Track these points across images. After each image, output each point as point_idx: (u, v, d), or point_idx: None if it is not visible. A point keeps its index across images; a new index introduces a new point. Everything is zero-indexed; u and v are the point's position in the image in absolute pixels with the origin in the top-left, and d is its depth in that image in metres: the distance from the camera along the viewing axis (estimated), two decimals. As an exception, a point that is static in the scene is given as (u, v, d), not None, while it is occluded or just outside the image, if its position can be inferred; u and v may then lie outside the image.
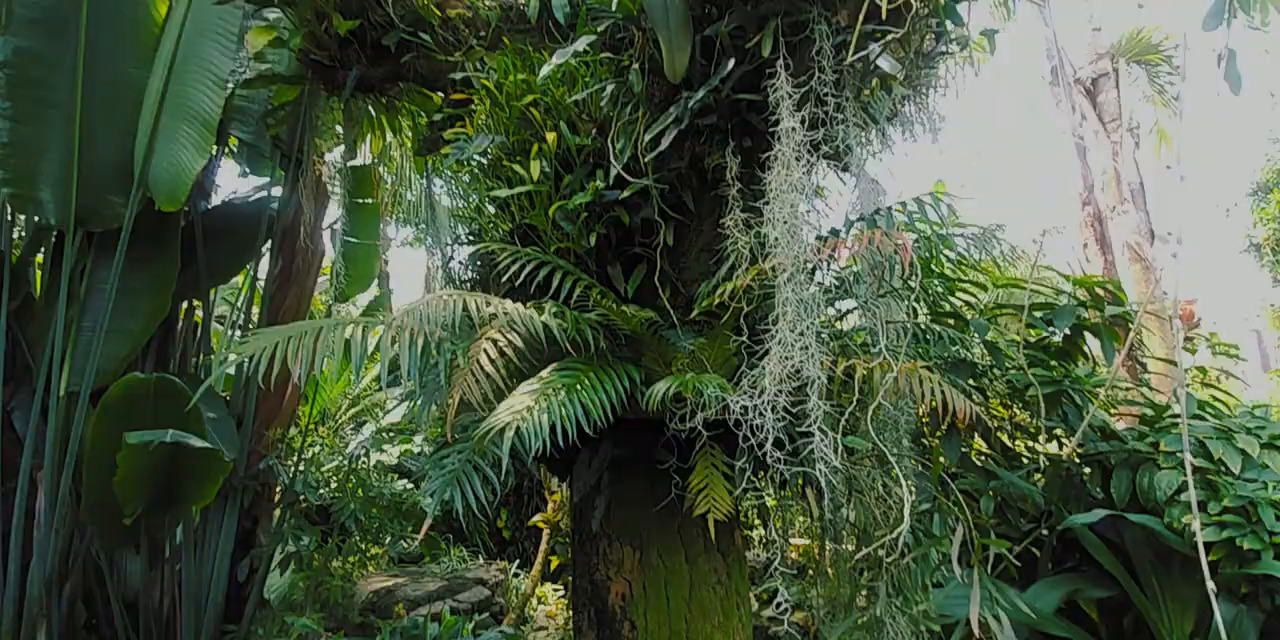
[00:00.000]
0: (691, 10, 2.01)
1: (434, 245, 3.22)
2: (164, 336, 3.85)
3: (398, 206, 4.57)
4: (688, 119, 2.03)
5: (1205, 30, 1.24)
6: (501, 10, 2.73)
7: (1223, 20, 1.20)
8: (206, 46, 2.99)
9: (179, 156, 3.08)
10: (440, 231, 3.08)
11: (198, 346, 4.04)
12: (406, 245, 5.69)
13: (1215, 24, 1.21)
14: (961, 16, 1.75)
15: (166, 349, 4.00)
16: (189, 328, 4.05)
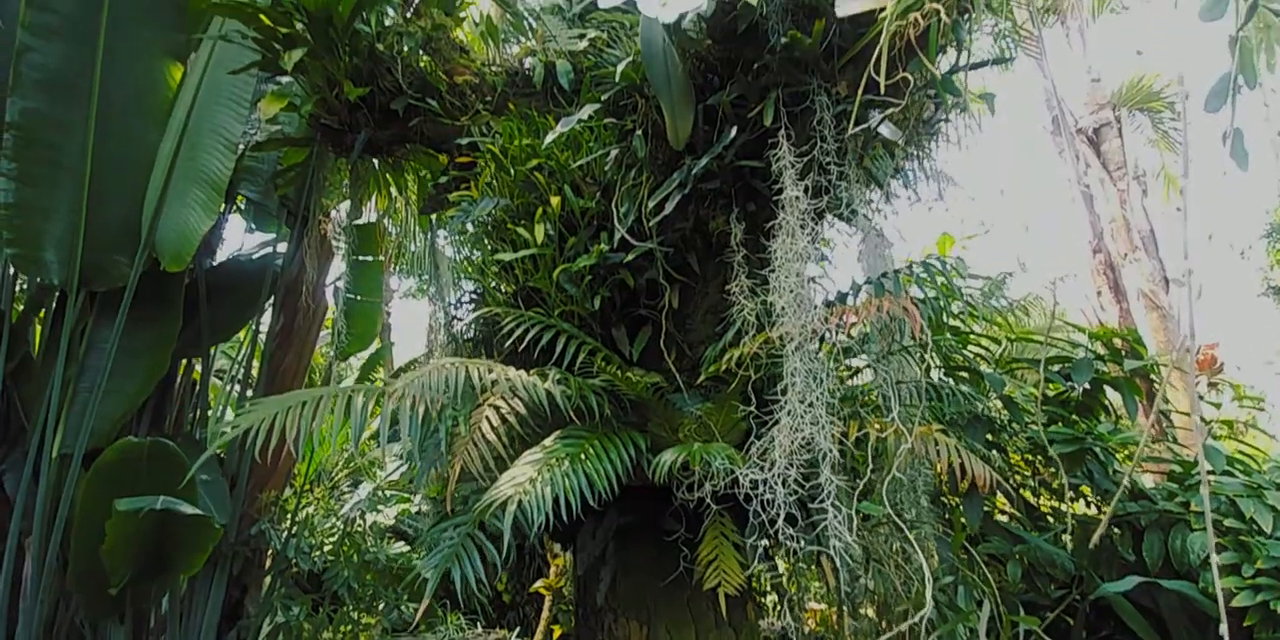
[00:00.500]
0: (693, 79, 2.09)
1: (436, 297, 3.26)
2: (161, 394, 3.86)
3: (401, 258, 4.65)
4: (691, 184, 2.07)
5: (1208, 111, 1.28)
6: (507, 75, 2.84)
7: (1225, 100, 1.23)
8: (219, 112, 3.10)
9: (187, 218, 3.15)
10: (443, 289, 3.12)
11: (195, 403, 4.05)
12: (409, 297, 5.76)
13: (1218, 105, 1.25)
14: (958, 88, 1.81)
15: (163, 407, 4.00)
16: (187, 385, 4.07)
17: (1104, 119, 5.02)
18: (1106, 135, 5.01)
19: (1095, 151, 5.04)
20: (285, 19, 2.79)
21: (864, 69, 1.85)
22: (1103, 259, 4.96)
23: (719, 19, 1.77)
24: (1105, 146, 5.01)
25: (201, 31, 3.18)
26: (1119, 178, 4.93)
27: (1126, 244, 4.86)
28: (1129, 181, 4.89)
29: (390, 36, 2.86)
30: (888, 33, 1.59)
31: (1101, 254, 4.98)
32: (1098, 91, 5.13)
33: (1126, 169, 4.93)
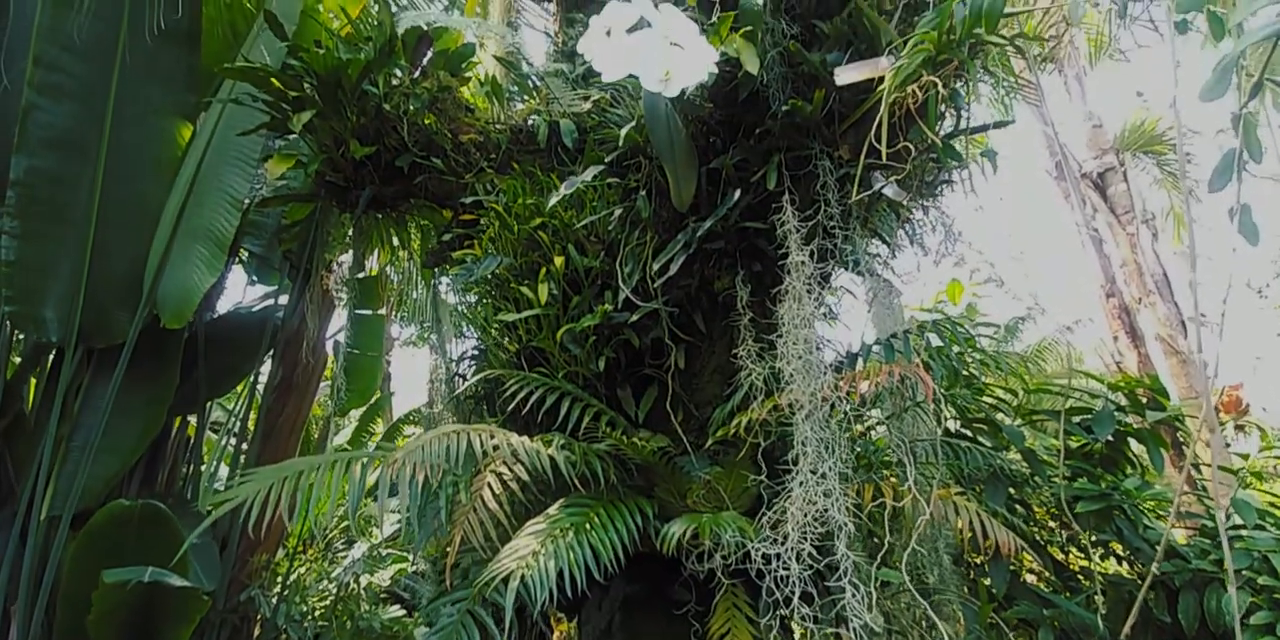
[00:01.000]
0: (695, 141, 2.15)
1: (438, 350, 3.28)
2: (154, 451, 3.86)
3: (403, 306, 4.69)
4: (696, 245, 2.11)
5: (1212, 191, 1.30)
6: (511, 133, 2.92)
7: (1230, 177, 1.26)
8: (227, 170, 3.19)
9: (190, 275, 3.21)
10: (445, 342, 3.14)
11: (189, 459, 4.04)
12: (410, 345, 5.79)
13: (1223, 182, 1.28)
14: (960, 154, 1.85)
15: (156, 464, 4.00)
16: (181, 441, 4.07)
17: (1108, 163, 5.10)
18: (1112, 179, 5.09)
19: (1102, 196, 5.11)
20: (295, 82, 2.89)
21: (865, 133, 1.90)
22: (1117, 303, 4.97)
23: (720, 87, 1.83)
24: (1111, 191, 5.08)
25: (212, 93, 3.30)
26: (1127, 222, 4.99)
27: (1140, 288, 4.88)
28: (1138, 225, 4.94)
29: (397, 97, 2.95)
30: (886, 103, 1.64)
31: (1115, 298, 4.99)
32: (1100, 136, 5.24)
33: (1135, 213, 4.99)
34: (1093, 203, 5.12)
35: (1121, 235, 4.97)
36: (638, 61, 1.58)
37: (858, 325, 3.81)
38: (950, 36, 1.66)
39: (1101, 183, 5.10)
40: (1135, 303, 4.90)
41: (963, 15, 1.52)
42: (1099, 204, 5.10)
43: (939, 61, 1.70)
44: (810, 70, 1.87)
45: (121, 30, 3.13)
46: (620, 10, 1.69)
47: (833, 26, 1.86)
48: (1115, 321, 4.93)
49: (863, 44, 1.87)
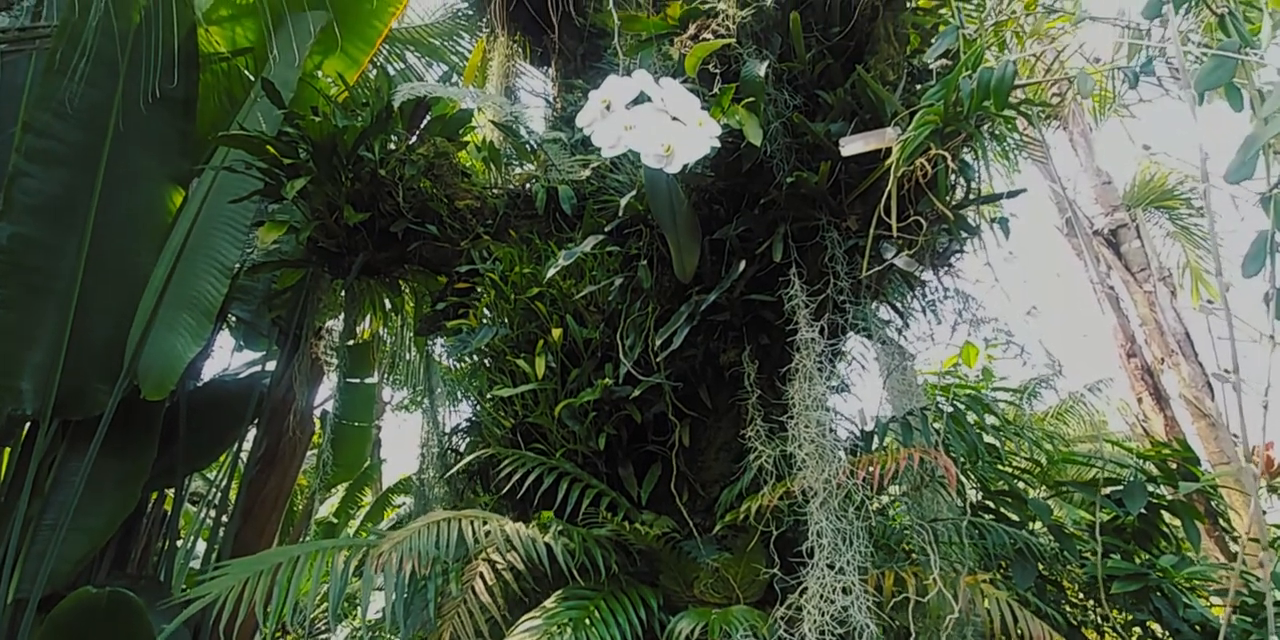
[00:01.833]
0: (698, 209, 2.14)
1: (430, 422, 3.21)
2: (127, 528, 3.75)
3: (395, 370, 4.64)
4: (700, 317, 2.08)
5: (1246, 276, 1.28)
6: (509, 198, 2.94)
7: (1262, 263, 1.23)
8: (217, 236, 3.20)
9: (173, 345, 3.17)
10: (437, 414, 3.08)
11: (164, 535, 3.92)
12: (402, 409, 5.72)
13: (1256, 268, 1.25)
14: (974, 225, 1.85)
15: (129, 542, 3.87)
16: (157, 517, 3.96)
17: (1119, 220, 5.15)
18: (1125, 236, 5.12)
19: (1116, 253, 5.13)
20: (290, 149, 2.93)
21: (874, 204, 1.90)
22: (1138, 364, 4.92)
23: (723, 157, 1.84)
24: (1125, 248, 5.11)
25: (206, 160, 3.34)
26: (1144, 279, 4.99)
27: (1162, 348, 4.83)
28: (1155, 283, 4.94)
29: (393, 162, 2.99)
30: (895, 176, 1.63)
31: (1137, 359, 4.94)
32: (1109, 193, 5.30)
33: (1151, 270, 5.00)
34: (1106, 260, 5.13)
35: (1139, 293, 4.96)
36: (638, 137, 1.58)
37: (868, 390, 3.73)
38: (957, 109, 1.67)
39: (1114, 240, 5.12)
40: (1158, 363, 4.84)
41: (970, 88, 1.53)
42: (1113, 261, 5.11)
43: (946, 133, 1.70)
44: (814, 141, 1.88)
45: (116, 97, 3.20)
46: (620, 84, 1.71)
47: (836, 97, 1.89)
48: (1138, 383, 4.87)
49: (867, 114, 1.88)
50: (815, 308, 1.81)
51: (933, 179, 1.68)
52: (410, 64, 4.18)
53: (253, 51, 3.40)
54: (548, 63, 3.44)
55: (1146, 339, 4.98)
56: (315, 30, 3.11)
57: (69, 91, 3.06)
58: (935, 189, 1.70)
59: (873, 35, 1.93)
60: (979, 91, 1.48)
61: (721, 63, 1.91)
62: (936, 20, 2.10)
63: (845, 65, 1.95)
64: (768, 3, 1.91)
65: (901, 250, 1.87)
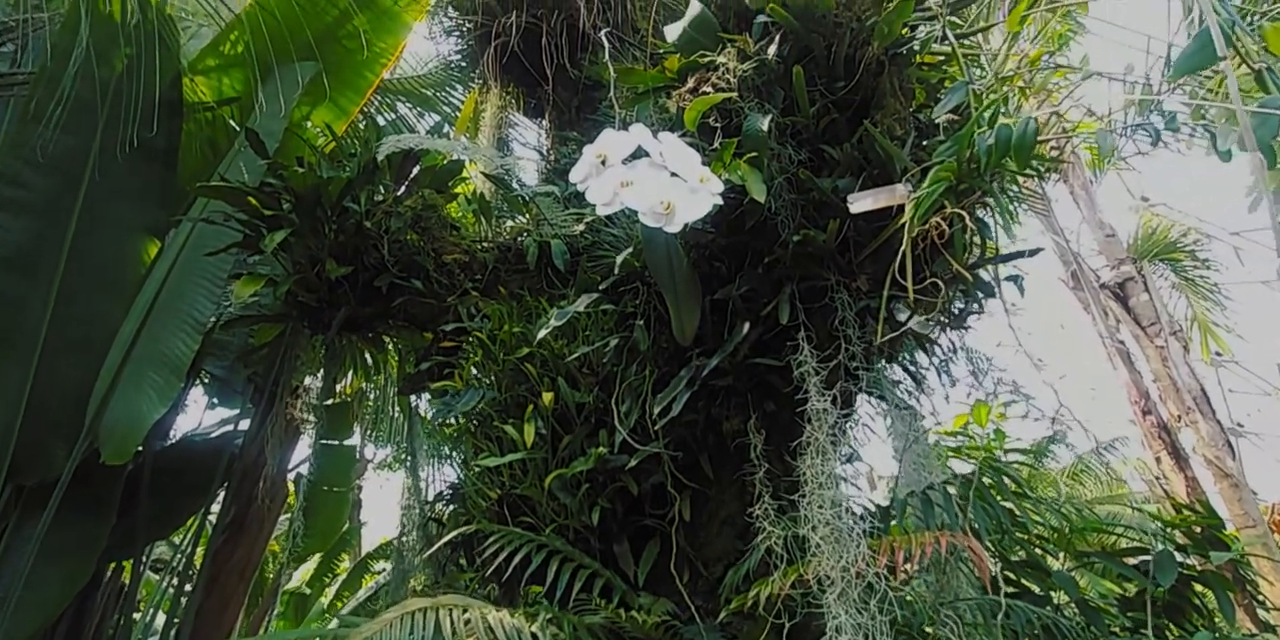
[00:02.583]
0: (698, 267, 2.06)
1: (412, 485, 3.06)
2: (82, 600, 3.53)
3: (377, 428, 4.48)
4: (701, 382, 1.98)
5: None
6: (499, 252, 2.87)
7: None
8: (190, 291, 3.10)
9: (138, 406, 3.03)
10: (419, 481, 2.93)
11: (120, 608, 3.69)
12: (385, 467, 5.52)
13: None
14: (991, 286, 1.77)
15: (84, 615, 3.65)
16: (114, 588, 3.73)
17: (1126, 273, 5.13)
18: (1133, 290, 5.09)
19: (1124, 307, 5.09)
20: (273, 200, 2.87)
21: (886, 264, 1.82)
22: (1154, 422, 4.81)
23: (725, 214, 1.77)
24: (1133, 301, 5.07)
25: (185, 210, 3.28)
26: (1155, 334, 4.93)
27: (1178, 405, 4.74)
28: (1166, 338, 4.88)
29: (379, 214, 2.92)
30: (909, 236, 1.56)
31: (1152, 416, 4.84)
32: (1113, 246, 5.30)
33: (1162, 325, 4.95)
34: (1115, 314, 5.08)
35: (1151, 348, 4.90)
36: (635, 194, 1.51)
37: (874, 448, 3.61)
38: (972, 165, 1.61)
39: (1122, 293, 5.09)
40: (1175, 421, 4.74)
41: (986, 144, 1.47)
42: (1122, 315, 5.06)
43: (961, 190, 1.64)
44: (821, 197, 1.82)
45: (93, 145, 3.15)
46: (616, 138, 1.65)
47: (842, 152, 1.83)
48: (1156, 442, 4.75)
49: (875, 170, 1.83)
50: (827, 375, 1.71)
51: (948, 238, 1.61)
52: (402, 114, 4.18)
53: (239, 101, 3.38)
54: (541, 114, 3.43)
55: (1161, 395, 4.89)
56: (304, 81, 3.09)
57: (43, 139, 3.00)
58: (951, 248, 1.63)
59: (878, 90, 1.89)
60: (998, 148, 1.42)
61: (722, 116, 1.87)
62: (941, 75, 2.07)
63: (851, 120, 1.90)
64: (769, 56, 1.88)
65: (916, 312, 1.78)
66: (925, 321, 1.87)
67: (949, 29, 1.79)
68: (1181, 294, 5.73)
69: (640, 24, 2.77)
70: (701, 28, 2.00)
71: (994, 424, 4.02)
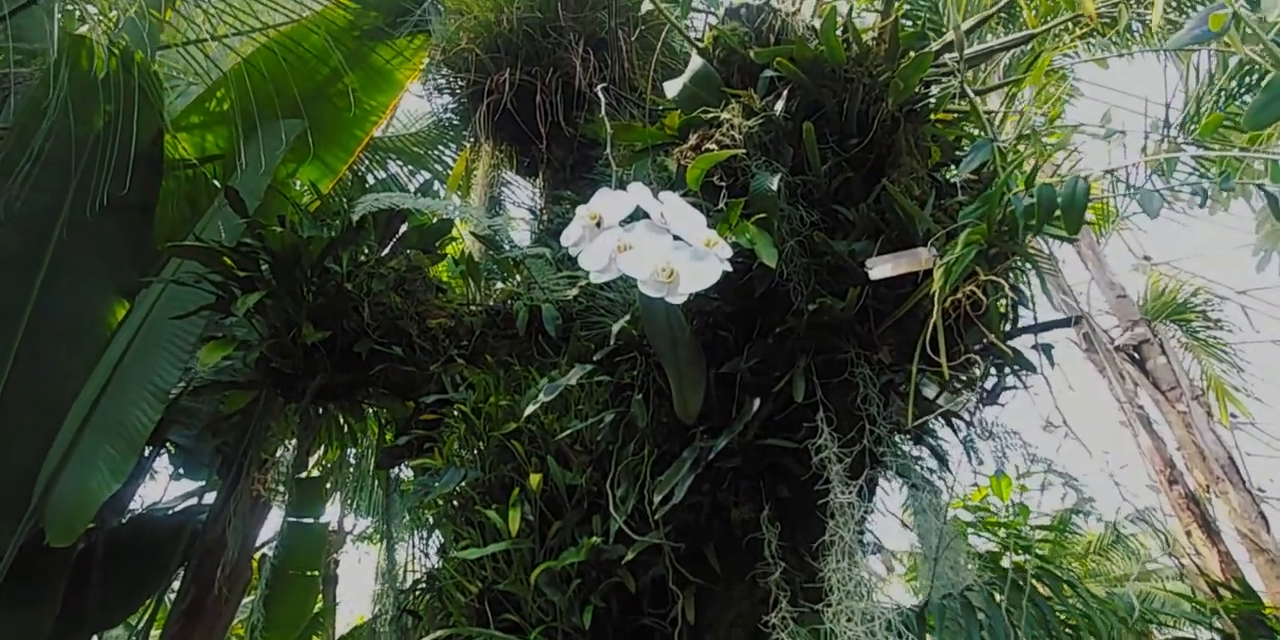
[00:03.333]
0: (700, 334, 1.90)
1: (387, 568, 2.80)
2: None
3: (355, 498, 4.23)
4: (705, 464, 1.78)
5: None
6: (487, 315, 2.71)
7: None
8: (156, 356, 2.92)
9: (89, 481, 2.81)
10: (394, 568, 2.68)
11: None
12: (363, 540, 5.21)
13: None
14: (1033, 363, 1.62)
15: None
16: (56, 683, 3.40)
17: (1141, 335, 5.00)
18: (1149, 352, 4.96)
19: (1142, 371, 4.94)
20: (249, 261, 2.72)
21: (910, 334, 1.67)
22: (1181, 492, 4.58)
23: (732, 280, 1.62)
24: (1150, 364, 4.92)
25: (157, 271, 3.13)
26: (1175, 399, 4.77)
27: (1206, 474, 4.53)
28: (1188, 402, 4.71)
29: (361, 275, 2.78)
30: (939, 304, 1.41)
31: (1180, 486, 4.61)
32: (1126, 306, 5.19)
33: (1182, 389, 4.79)
34: (1132, 377, 4.93)
35: (1172, 414, 4.72)
36: (634, 259, 1.36)
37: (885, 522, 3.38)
38: (1003, 227, 1.48)
39: (1139, 356, 4.95)
40: (1203, 491, 4.52)
41: (1025, 206, 1.34)
42: (1139, 379, 4.90)
43: (992, 255, 1.50)
44: (836, 261, 1.68)
45: (65, 203, 3.03)
46: (612, 197, 1.51)
47: (858, 213, 1.70)
48: (1185, 514, 4.51)
49: (894, 232, 1.70)
50: (851, 463, 1.53)
51: (984, 307, 1.45)
52: (393, 172, 4.10)
53: (222, 158, 3.28)
54: (535, 173, 3.34)
55: (1187, 464, 4.67)
56: (289, 138, 3.00)
57: (11, 195, 2.88)
58: (986, 318, 1.48)
59: (894, 148, 1.78)
60: (1041, 210, 1.28)
61: (727, 175, 1.74)
62: (958, 133, 1.97)
63: (866, 179, 1.78)
64: (777, 112, 1.77)
65: (945, 389, 1.62)
66: (955, 398, 1.70)
67: (967, 85, 1.69)
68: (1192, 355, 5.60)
69: (638, 81, 2.70)
70: (703, 83, 1.90)
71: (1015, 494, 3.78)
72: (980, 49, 1.86)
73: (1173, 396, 4.79)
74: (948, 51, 1.78)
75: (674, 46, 2.52)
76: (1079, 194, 1.23)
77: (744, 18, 1.90)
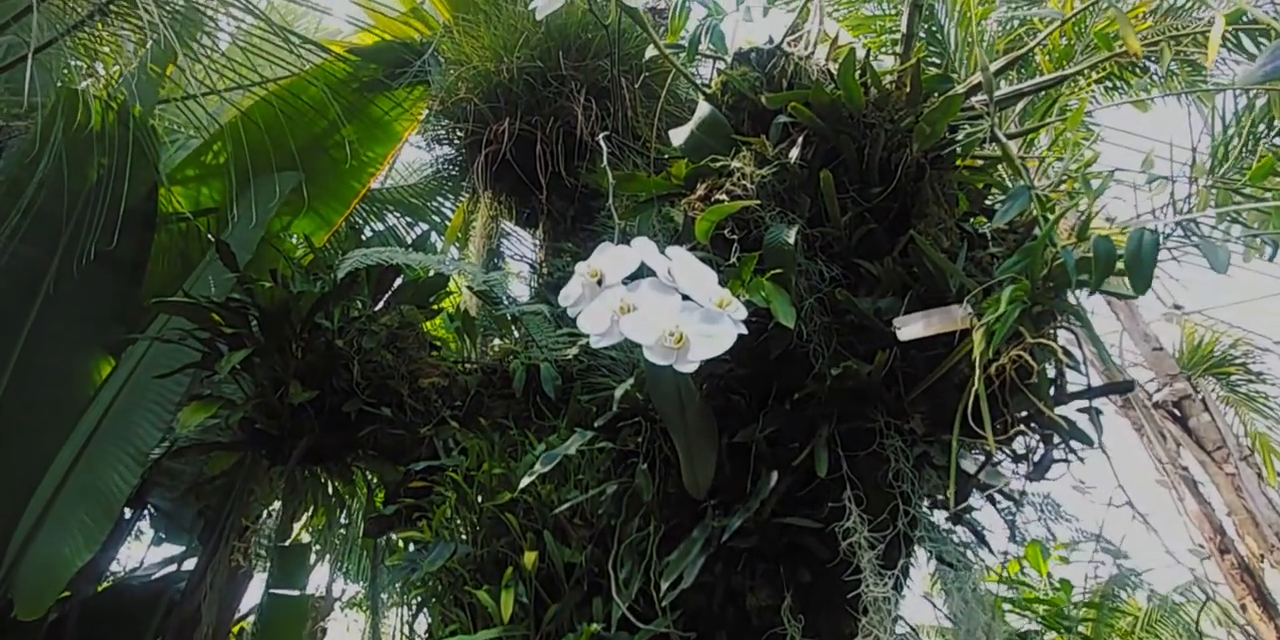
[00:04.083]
0: (712, 400, 1.75)
1: None
2: None
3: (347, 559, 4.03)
4: (717, 544, 1.61)
5: None
6: (483, 374, 2.58)
7: None
8: (137, 417, 2.80)
9: (61, 550, 2.65)
10: None
11: None
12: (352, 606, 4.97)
13: None
14: (1090, 436, 1.46)
15: None
16: None
17: (1181, 391, 4.78)
18: (1191, 409, 4.72)
19: (1184, 429, 4.69)
20: (238, 317, 2.62)
21: (945, 401, 1.51)
22: (1234, 562, 4.29)
23: (745, 341, 1.48)
24: (1193, 422, 4.68)
25: (144, 327, 3.04)
26: (1222, 460, 4.51)
27: (1259, 542, 4.24)
28: (1236, 463, 4.46)
29: (352, 331, 2.67)
30: (981, 370, 1.26)
31: (1231, 555, 4.32)
32: (1163, 360, 4.98)
33: (1229, 448, 4.53)
34: (1174, 437, 4.68)
35: (1220, 476, 4.46)
36: (638, 323, 1.23)
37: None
38: (1049, 284, 1.34)
39: (1180, 413, 4.71)
40: (1257, 560, 4.23)
41: (1076, 260, 1.20)
42: (1182, 438, 4.66)
43: (1037, 315, 1.36)
44: (860, 321, 1.54)
45: (55, 256, 2.96)
46: (615, 254, 1.39)
47: (883, 268, 1.57)
48: (1238, 586, 4.20)
49: (923, 287, 1.56)
50: (884, 549, 1.35)
51: (1028, 372, 1.31)
52: (391, 224, 4.05)
53: (217, 212, 3.23)
54: (535, 224, 3.25)
55: (1238, 530, 4.39)
56: (284, 191, 2.94)
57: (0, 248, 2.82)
58: (1032, 384, 1.33)
59: (919, 196, 1.66)
60: (1100, 265, 1.15)
61: (739, 227, 1.62)
62: (987, 180, 1.85)
63: (890, 230, 1.66)
64: (791, 160, 1.66)
65: (987, 463, 1.45)
66: (996, 472, 1.53)
67: (998, 129, 1.58)
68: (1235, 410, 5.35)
69: (642, 129, 2.63)
70: (711, 130, 1.80)
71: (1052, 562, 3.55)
72: (1010, 91, 1.77)
73: (1219, 457, 4.54)
74: (974, 93, 1.68)
75: (679, 93, 2.45)
76: (1146, 248, 1.10)
77: (754, 62, 1.82)
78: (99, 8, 2.95)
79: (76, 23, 2.67)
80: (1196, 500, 4.54)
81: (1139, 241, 1.11)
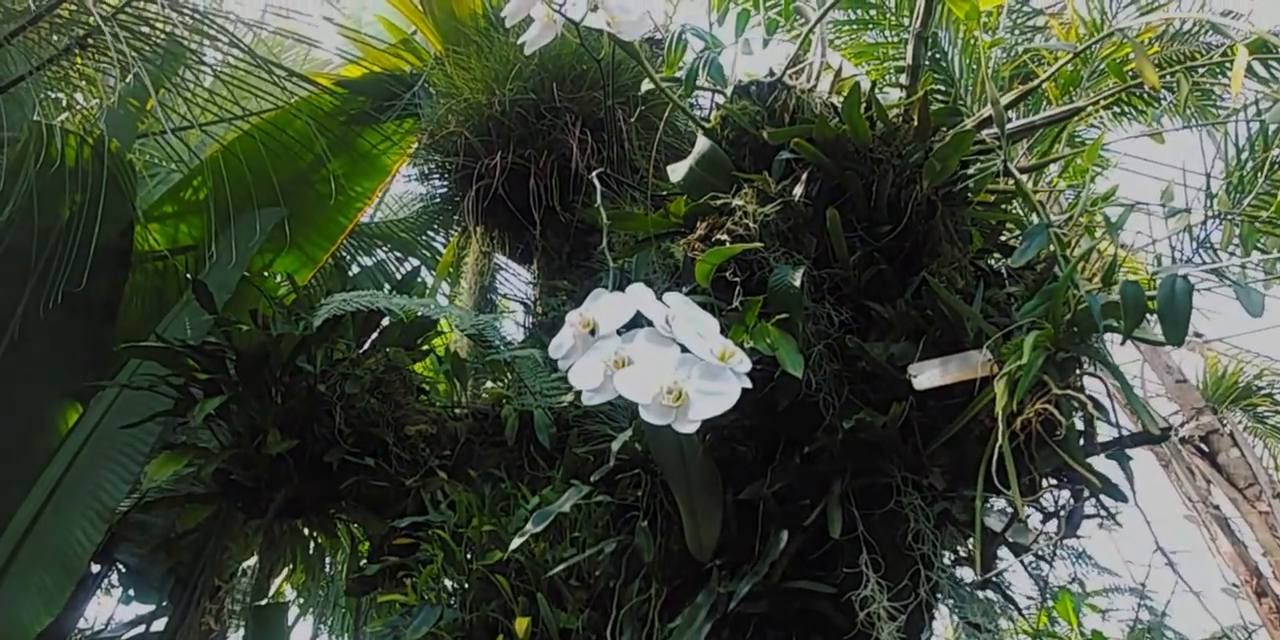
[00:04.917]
0: (715, 452, 1.70)
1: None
2: None
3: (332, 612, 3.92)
4: (724, 611, 1.54)
5: None
6: (473, 420, 2.52)
7: None
8: (103, 469, 2.73)
9: (19, 616, 2.56)
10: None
11: None
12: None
13: None
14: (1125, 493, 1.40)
15: None
16: None
17: (1209, 425, 4.73)
18: (1220, 444, 4.66)
19: (1213, 465, 4.63)
20: (214, 362, 2.58)
21: (965, 454, 1.46)
22: (1272, 605, 4.19)
23: (752, 392, 1.44)
24: (1222, 458, 4.62)
25: (115, 372, 2.99)
26: (1255, 497, 4.43)
27: (1299, 585, 4.15)
28: (1269, 500, 4.38)
29: (335, 376, 2.62)
30: (1004, 423, 1.21)
31: (1269, 599, 4.22)
32: (1187, 392, 4.93)
33: (1261, 485, 4.46)
34: (1203, 474, 4.61)
35: (1253, 514, 4.38)
36: (633, 378, 1.19)
37: None
38: (1074, 328, 1.30)
39: (1209, 448, 4.65)
40: (1299, 606, 4.12)
41: (1102, 305, 1.17)
42: (1211, 475, 4.59)
43: (1060, 362, 1.32)
44: (872, 368, 1.49)
45: (22, 298, 2.92)
46: (608, 302, 1.35)
47: (895, 311, 1.53)
48: (1277, 631, 4.08)
49: (937, 332, 1.52)
50: (907, 618, 1.29)
51: (1055, 426, 1.26)
52: (380, 258, 4.02)
53: (195, 250, 3.20)
54: (529, 261, 3.23)
55: (1275, 572, 4.30)
56: (266, 227, 2.91)
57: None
58: (1059, 436, 1.28)
59: (931, 234, 1.63)
60: (1130, 312, 1.11)
61: (741, 269, 1.59)
62: (1001, 216, 1.83)
63: (901, 271, 1.63)
64: (796, 197, 1.63)
65: (1014, 520, 1.40)
66: (1024, 528, 1.48)
67: (1010, 163, 1.55)
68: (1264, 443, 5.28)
69: (639, 163, 2.62)
70: (711, 166, 1.78)
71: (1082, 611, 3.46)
72: (1022, 124, 1.75)
73: (1251, 494, 4.46)
74: (985, 127, 1.67)
75: (678, 125, 2.44)
76: (1180, 296, 1.06)
77: (754, 96, 1.81)
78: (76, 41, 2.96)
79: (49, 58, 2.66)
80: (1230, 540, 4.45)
81: (1171, 288, 1.07)
